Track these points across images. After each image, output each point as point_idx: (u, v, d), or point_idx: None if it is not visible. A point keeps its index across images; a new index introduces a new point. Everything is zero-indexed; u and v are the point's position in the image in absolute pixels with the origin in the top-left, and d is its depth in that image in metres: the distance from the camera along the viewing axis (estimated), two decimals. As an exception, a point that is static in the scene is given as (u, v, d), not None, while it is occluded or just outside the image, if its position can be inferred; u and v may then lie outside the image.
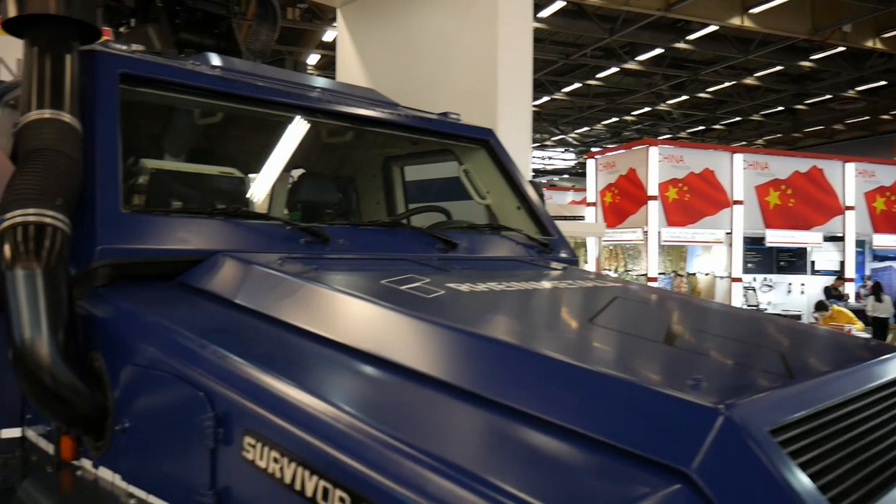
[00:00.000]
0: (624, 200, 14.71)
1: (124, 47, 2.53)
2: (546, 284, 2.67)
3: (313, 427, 1.37)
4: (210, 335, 1.75)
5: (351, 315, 1.84)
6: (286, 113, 2.96)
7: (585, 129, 30.58)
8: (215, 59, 2.96)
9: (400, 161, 4.20)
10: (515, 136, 5.12)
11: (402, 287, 2.06)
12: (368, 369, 1.64)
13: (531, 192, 3.62)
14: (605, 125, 29.68)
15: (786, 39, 17.33)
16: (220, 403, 1.54)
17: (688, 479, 1.22)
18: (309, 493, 1.31)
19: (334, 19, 7.83)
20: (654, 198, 14.06)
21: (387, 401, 1.54)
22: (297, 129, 3.12)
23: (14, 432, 2.30)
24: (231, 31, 3.81)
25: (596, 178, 15.49)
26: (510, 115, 5.27)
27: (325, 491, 1.29)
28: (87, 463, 2.00)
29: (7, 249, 1.90)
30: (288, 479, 1.36)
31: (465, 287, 2.17)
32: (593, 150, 21.89)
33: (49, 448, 2.14)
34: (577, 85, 22.81)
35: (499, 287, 2.27)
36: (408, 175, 4.29)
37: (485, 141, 3.66)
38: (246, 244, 2.35)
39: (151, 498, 1.71)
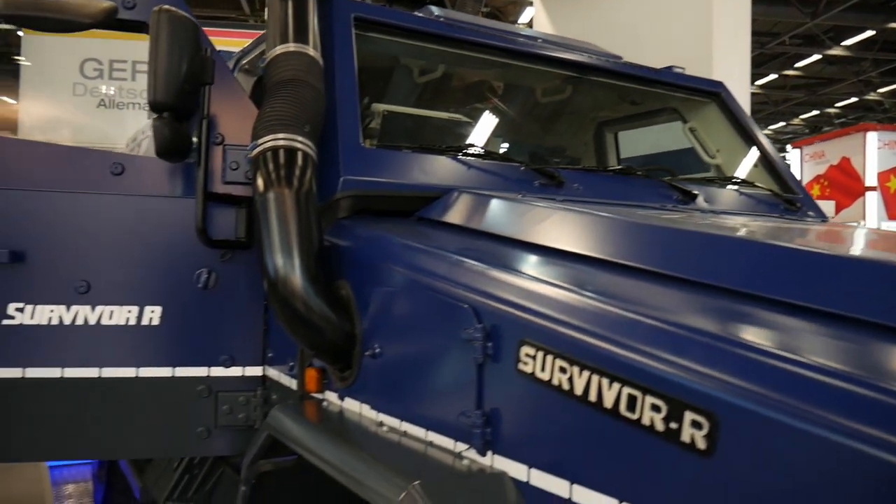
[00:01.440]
0: (835, 193, 13.38)
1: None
2: (798, 224, 2.42)
3: (608, 332, 1.19)
4: (468, 253, 1.64)
5: (611, 232, 1.67)
6: (512, 61, 2.84)
7: (781, 124, 28.44)
8: (438, 11, 2.90)
9: (614, 126, 3.96)
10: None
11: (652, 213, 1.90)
12: (640, 282, 1.45)
13: (769, 147, 3.26)
14: (803, 119, 27.44)
15: None
16: (490, 315, 1.40)
17: None
18: (608, 403, 1.13)
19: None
20: (872, 188, 12.67)
21: (674, 307, 1.33)
22: (519, 77, 3.01)
23: (255, 371, 2.33)
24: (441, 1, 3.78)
25: (801, 169, 14.23)
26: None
27: (631, 399, 1.10)
28: (331, 395, 1.96)
29: (259, 175, 1.91)
30: (579, 390, 1.19)
31: (710, 219, 1.99)
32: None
33: (291, 384, 2.14)
34: (772, 76, 21.23)
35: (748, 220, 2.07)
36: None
37: (716, 94, 3.36)
38: (481, 183, 2.26)
39: (405, 425, 1.61)
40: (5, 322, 2.15)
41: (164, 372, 2.26)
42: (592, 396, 1.16)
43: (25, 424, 2.19)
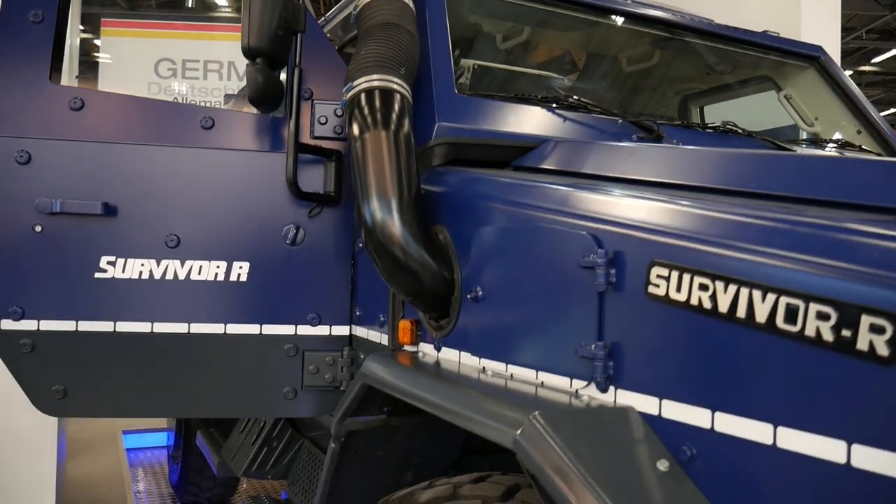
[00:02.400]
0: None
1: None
2: None
3: (757, 244, 1.08)
4: (579, 185, 1.55)
5: (727, 163, 1.57)
6: (602, 19, 2.73)
7: (853, 125, 27.43)
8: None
9: (700, 100, 3.80)
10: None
11: None
12: (769, 203, 1.32)
13: (875, 114, 3.07)
14: (878, 119, 26.41)
15: None
16: (613, 240, 1.30)
17: None
18: (762, 317, 1.02)
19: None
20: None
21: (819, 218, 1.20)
22: (606, 42, 2.90)
23: (342, 330, 2.27)
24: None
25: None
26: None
27: (791, 310, 0.99)
28: (426, 347, 1.88)
29: (354, 117, 1.85)
30: (724, 307, 1.08)
31: None
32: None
33: (382, 339, 2.07)
34: (847, 72, 20.48)
35: None
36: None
37: (815, 58, 3.18)
38: (577, 136, 2.16)
39: (513, 368, 1.52)
40: (97, 275, 2.15)
41: (251, 329, 2.22)
42: (741, 312, 1.05)
43: (114, 380, 2.19)
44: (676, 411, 1.16)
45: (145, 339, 2.17)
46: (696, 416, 1.12)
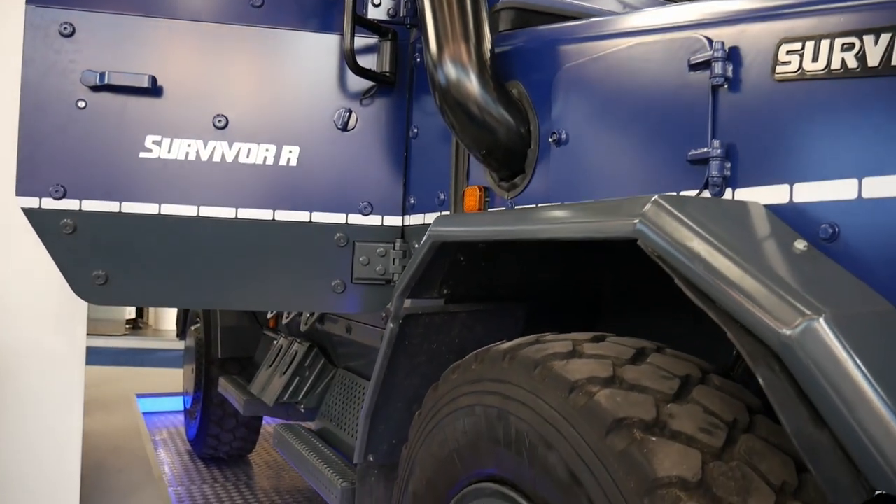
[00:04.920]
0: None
1: None
2: None
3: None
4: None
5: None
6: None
7: None
8: None
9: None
10: None
11: None
12: None
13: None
14: None
15: None
16: (727, 35, 1.21)
17: None
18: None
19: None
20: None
21: None
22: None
23: (395, 221, 2.18)
24: None
25: None
26: None
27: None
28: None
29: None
30: (874, 59, 0.99)
31: None
32: None
33: (441, 220, 1.98)
34: None
35: None
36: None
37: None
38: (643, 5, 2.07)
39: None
40: (142, 155, 2.06)
41: (300, 216, 2.13)
42: (897, 59, 0.97)
43: (158, 266, 2.09)
44: (813, 192, 1.06)
45: (191, 224, 2.07)
46: (839, 189, 1.03)
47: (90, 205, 2.04)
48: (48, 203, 2.02)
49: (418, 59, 2.14)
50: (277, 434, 2.96)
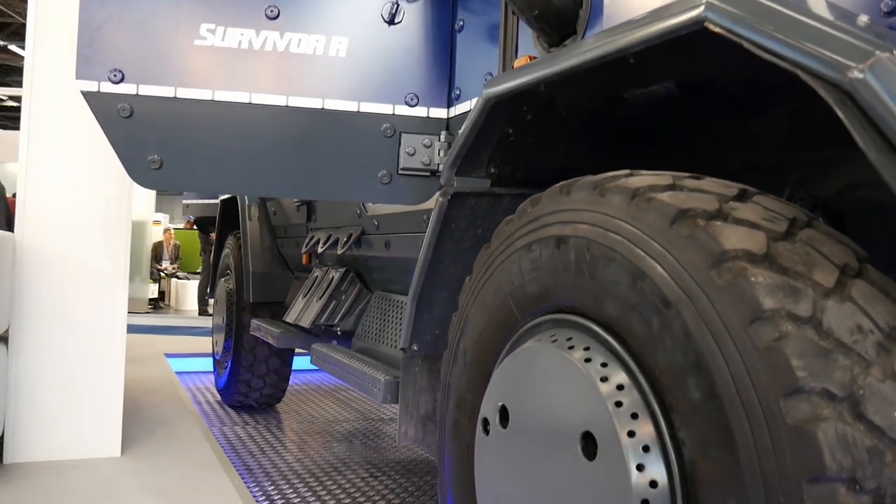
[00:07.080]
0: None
1: None
2: None
3: None
4: None
5: None
6: None
7: None
8: None
9: None
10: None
11: None
12: None
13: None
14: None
15: None
16: None
17: None
18: None
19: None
20: None
21: None
22: None
23: (440, 113, 2.23)
24: None
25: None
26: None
27: None
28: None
29: None
30: None
31: None
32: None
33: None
34: None
35: None
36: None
37: None
38: None
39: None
40: (197, 42, 2.12)
41: (349, 106, 2.18)
42: None
43: (211, 152, 2.15)
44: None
45: (243, 110, 2.13)
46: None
47: (146, 89, 2.11)
48: (106, 87, 2.08)
49: (464, -48, 2.19)
50: (315, 351, 3.01)
